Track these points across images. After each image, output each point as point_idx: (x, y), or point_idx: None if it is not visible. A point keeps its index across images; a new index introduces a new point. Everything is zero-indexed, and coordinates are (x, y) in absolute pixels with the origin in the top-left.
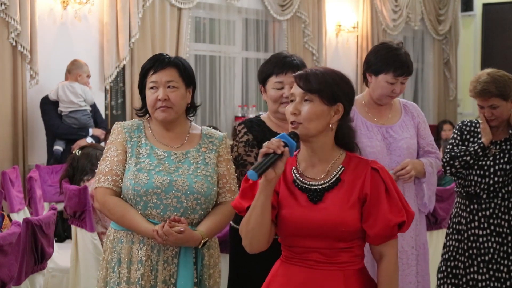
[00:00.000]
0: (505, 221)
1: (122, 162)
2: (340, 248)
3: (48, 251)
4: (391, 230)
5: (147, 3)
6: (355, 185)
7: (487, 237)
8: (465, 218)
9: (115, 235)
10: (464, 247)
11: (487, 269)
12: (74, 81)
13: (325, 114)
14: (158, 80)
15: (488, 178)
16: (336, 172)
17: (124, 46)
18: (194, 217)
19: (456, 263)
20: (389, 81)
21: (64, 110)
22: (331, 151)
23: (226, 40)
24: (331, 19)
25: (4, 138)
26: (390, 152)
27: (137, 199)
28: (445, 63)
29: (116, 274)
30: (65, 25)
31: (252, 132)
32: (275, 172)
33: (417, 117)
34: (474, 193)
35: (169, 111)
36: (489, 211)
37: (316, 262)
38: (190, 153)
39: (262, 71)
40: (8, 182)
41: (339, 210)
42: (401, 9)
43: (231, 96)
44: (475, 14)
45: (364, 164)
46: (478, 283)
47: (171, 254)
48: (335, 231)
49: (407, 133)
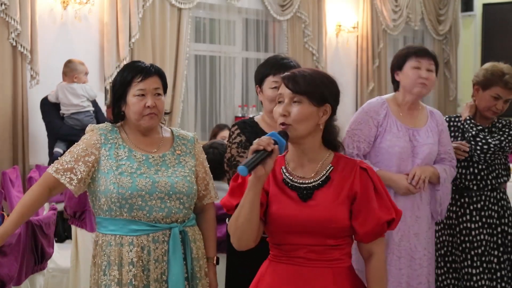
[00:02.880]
0: (494, 212)
1: (86, 163)
2: (329, 245)
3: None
4: (381, 227)
5: (147, 3)
6: (345, 183)
7: (479, 230)
8: (456, 213)
9: (103, 238)
10: (457, 241)
11: (481, 262)
12: (71, 82)
13: (313, 115)
14: (146, 87)
15: (472, 168)
16: (326, 171)
17: (124, 46)
18: (179, 216)
19: (453, 258)
20: (414, 65)
21: (66, 113)
22: (320, 151)
23: (226, 40)
24: (331, 19)
25: (4, 138)
26: (413, 155)
27: (122, 202)
28: (445, 63)
29: (107, 276)
30: (66, 25)
31: (245, 133)
32: (265, 169)
33: (441, 124)
34: (464, 187)
35: (155, 118)
36: (480, 203)
37: (305, 259)
38: (166, 156)
39: (259, 72)
40: (8, 182)
41: (328, 206)
42: (401, 9)
43: (231, 96)
44: (475, 14)
45: (352, 163)
46: (472, 277)
47: (161, 253)
48: (324, 227)
49: (431, 139)
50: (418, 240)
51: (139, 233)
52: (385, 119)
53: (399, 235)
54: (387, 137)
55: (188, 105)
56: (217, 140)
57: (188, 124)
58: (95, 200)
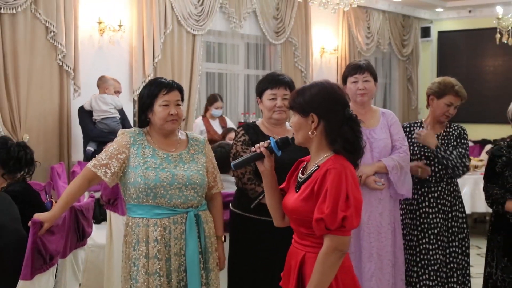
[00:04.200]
0: (448, 201)
1: (118, 160)
2: (303, 232)
3: (88, 230)
4: (316, 224)
5: (167, 31)
6: (313, 182)
7: (435, 214)
8: (417, 200)
9: (133, 221)
10: (417, 223)
11: (436, 240)
12: (102, 93)
13: (304, 124)
14: (170, 99)
15: (433, 167)
16: (311, 170)
17: (149, 65)
18: (193, 202)
19: (410, 237)
20: (352, 81)
21: (97, 118)
22: (318, 154)
23: (231, 60)
24: (316, 43)
25: (53, 139)
26: (372, 149)
27: (147, 191)
28: (408, 79)
29: (137, 251)
30: (102, 48)
31: (248, 134)
32: (264, 167)
33: (390, 120)
34: (424, 180)
35: (177, 123)
36: (436, 193)
37: (294, 241)
38: (183, 154)
39: (259, 86)
40: (55, 175)
41: (296, 200)
42: (373, 35)
43: (235, 106)
44: (432, 40)
45: (328, 165)
46: (429, 252)
47: (180, 232)
48: (293, 217)
49: (385, 134)
50: (382, 218)
51: (162, 216)
52: None
53: (367, 215)
54: None
55: (201, 113)
56: (223, 141)
57: None
58: (125, 190)
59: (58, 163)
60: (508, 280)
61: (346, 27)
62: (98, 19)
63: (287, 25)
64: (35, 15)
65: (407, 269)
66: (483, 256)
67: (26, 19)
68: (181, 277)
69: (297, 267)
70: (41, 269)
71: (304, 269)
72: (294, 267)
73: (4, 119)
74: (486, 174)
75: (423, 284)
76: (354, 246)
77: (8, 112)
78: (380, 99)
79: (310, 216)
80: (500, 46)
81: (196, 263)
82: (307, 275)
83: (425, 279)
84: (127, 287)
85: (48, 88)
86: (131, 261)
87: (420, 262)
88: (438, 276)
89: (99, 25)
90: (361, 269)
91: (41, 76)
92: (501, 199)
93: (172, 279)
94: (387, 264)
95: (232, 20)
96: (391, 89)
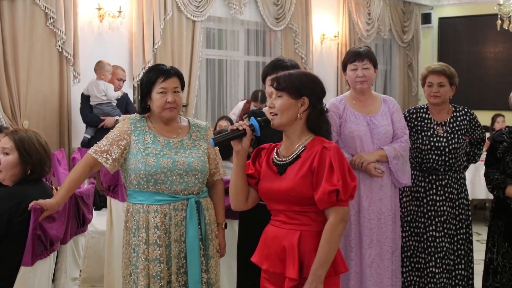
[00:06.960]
0: (455, 189)
1: (119, 146)
2: (296, 211)
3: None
4: (327, 196)
5: (167, 17)
6: (308, 160)
7: (443, 202)
8: (424, 187)
9: (133, 207)
10: (424, 210)
11: (442, 228)
12: (99, 79)
13: (293, 106)
14: (167, 86)
15: (444, 156)
16: (298, 151)
17: (148, 51)
18: (194, 189)
19: (417, 224)
20: (352, 68)
21: (93, 103)
22: (301, 135)
23: (231, 46)
24: (317, 30)
25: (52, 126)
26: (372, 136)
27: (148, 177)
28: (409, 66)
29: (137, 237)
30: (101, 34)
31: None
32: (242, 146)
33: (392, 107)
34: (433, 168)
35: (175, 111)
36: (444, 181)
37: (281, 222)
38: (184, 141)
39: (263, 72)
40: (56, 162)
41: (292, 179)
42: (373, 22)
43: (235, 92)
44: (433, 26)
45: (320, 144)
46: (436, 239)
47: (180, 219)
48: (289, 195)
49: (386, 121)
50: (383, 204)
51: (162, 202)
52: (344, 111)
53: (367, 201)
54: (347, 125)
55: (201, 99)
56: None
57: (200, 115)
58: (126, 176)
59: (58, 149)
60: (509, 265)
61: (346, 13)
62: (97, 5)
63: (287, 11)
64: (35, 1)
65: (414, 256)
66: (483, 242)
67: (26, 5)
68: (181, 264)
69: (296, 247)
70: (42, 255)
71: (302, 247)
72: (290, 247)
73: (4, 106)
74: (487, 159)
75: (429, 271)
76: (354, 233)
77: (8, 98)
78: (380, 86)
79: (308, 192)
80: (501, 33)
81: (196, 250)
82: (306, 253)
83: (432, 266)
84: (127, 273)
85: (48, 75)
86: (131, 247)
87: (427, 249)
88: (443, 263)
89: (98, 11)
90: (361, 256)
91: (41, 62)
92: (502, 184)
93: (172, 266)
94: (386, 250)
95: (232, 6)
96: (392, 75)
